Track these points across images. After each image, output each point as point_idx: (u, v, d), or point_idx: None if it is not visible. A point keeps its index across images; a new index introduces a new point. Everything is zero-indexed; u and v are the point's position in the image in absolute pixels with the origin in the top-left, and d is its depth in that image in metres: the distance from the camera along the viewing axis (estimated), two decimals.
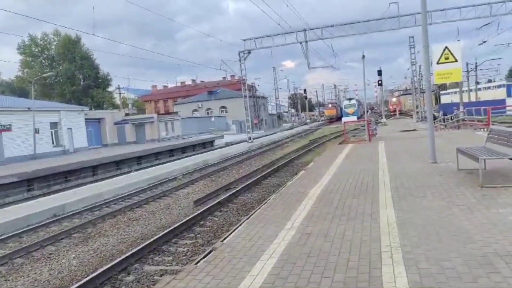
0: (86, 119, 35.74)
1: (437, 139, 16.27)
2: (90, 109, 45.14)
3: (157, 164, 25.92)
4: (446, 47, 9.98)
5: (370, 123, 21.61)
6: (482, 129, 20.80)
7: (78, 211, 12.71)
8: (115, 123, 40.30)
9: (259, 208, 7.52)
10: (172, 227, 9.12)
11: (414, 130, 31.28)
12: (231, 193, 12.85)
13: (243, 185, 14.11)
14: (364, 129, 22.73)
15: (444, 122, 29.59)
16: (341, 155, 14.30)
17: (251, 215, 7.12)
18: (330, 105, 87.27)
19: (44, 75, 48.79)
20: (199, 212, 10.45)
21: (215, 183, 16.51)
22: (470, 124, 25.28)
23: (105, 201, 14.04)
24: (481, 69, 66.37)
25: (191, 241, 8.34)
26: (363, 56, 32.89)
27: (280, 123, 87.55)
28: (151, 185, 16.90)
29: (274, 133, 51.54)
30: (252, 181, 14.94)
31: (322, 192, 7.98)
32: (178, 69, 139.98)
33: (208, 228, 9.29)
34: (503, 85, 67.89)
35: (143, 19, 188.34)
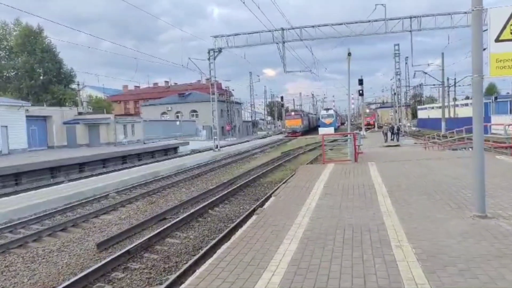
0: (28, 116, 30.87)
1: (448, 165, 12.15)
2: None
3: (100, 174, 21.82)
4: None
5: (356, 138, 16.43)
6: (488, 150, 16.70)
7: None
8: (65, 123, 35.50)
9: None
10: None
11: (398, 145, 28.52)
12: (161, 229, 9.07)
13: (184, 216, 10.39)
14: (345, 142, 19.24)
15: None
16: (318, 185, 9.92)
17: None
18: (293, 113, 64.06)
19: None
20: (91, 270, 6.62)
21: (152, 207, 12.64)
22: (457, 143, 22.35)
23: None
24: (459, 86, 64.88)
25: None
26: (349, 54, 29.37)
27: (255, 130, 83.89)
28: (69, 205, 12.92)
29: (246, 141, 47.93)
30: (199, 208, 11.23)
31: None
32: (157, 72, 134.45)
33: None
34: None
35: (125, 18, 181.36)
